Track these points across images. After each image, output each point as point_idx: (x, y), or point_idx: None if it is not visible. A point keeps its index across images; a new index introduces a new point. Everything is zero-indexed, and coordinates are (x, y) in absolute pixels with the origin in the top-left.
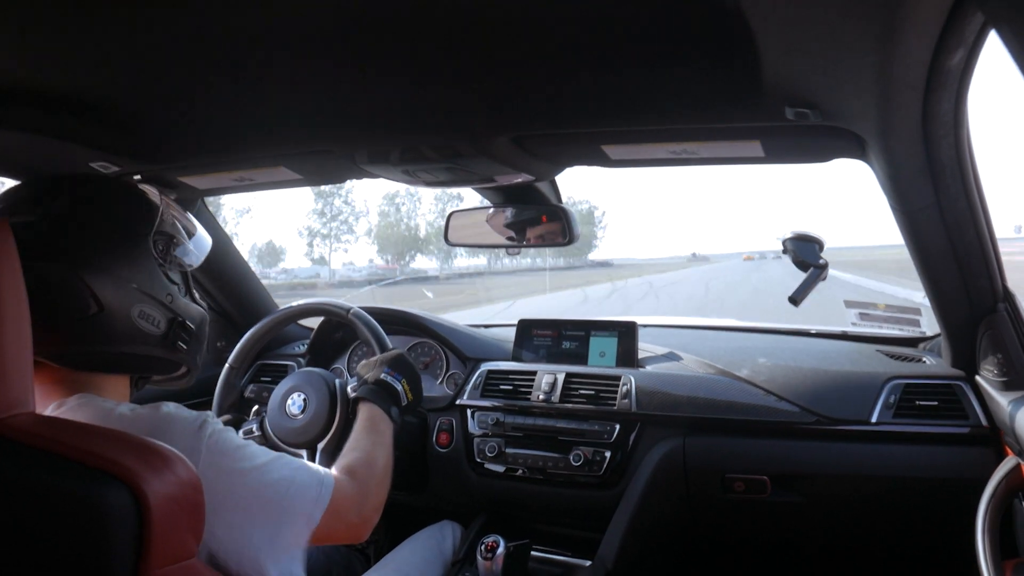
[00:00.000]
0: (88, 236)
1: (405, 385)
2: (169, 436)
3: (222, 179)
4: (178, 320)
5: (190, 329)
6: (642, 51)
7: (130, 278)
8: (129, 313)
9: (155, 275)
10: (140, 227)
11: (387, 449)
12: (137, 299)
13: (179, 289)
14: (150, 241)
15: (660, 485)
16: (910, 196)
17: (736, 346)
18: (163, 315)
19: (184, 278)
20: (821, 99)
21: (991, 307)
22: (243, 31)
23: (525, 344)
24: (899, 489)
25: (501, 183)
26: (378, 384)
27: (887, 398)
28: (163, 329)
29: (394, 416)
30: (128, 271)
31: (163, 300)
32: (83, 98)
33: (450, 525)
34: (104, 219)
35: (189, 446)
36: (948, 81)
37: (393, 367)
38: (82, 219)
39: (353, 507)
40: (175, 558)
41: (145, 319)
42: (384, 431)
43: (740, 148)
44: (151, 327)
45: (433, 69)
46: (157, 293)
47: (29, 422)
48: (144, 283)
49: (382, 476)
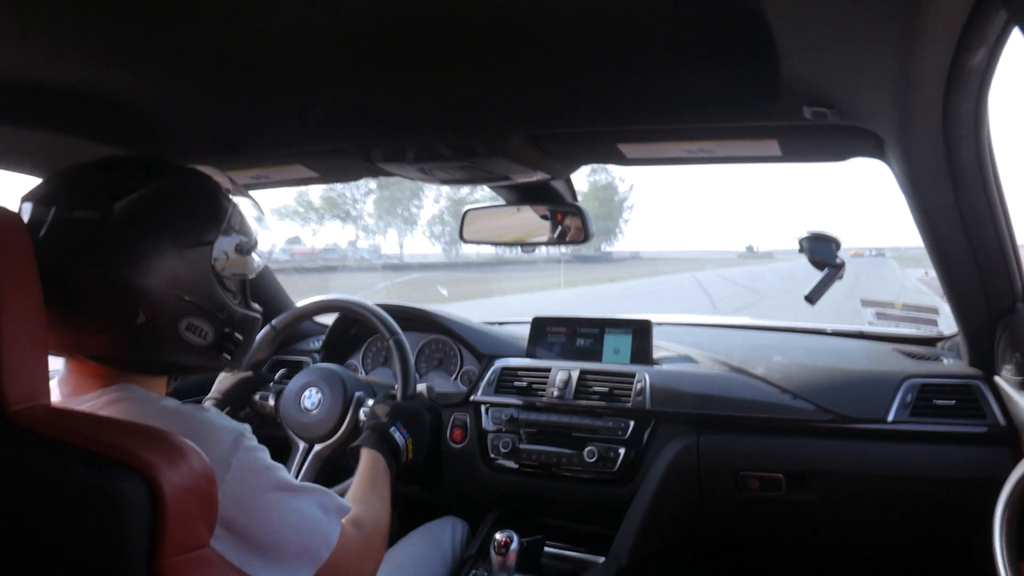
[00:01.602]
0: (148, 244)
1: (409, 444)
2: (204, 442)
3: (239, 177)
4: (226, 331)
5: (238, 340)
6: (659, 50)
7: (184, 289)
8: (177, 324)
9: (210, 285)
10: (204, 235)
11: (388, 505)
12: (188, 311)
13: (233, 297)
14: (211, 249)
15: (674, 482)
16: (929, 195)
17: (751, 344)
18: (212, 327)
19: (241, 286)
20: (840, 98)
21: (1010, 307)
22: (263, 32)
23: (539, 341)
24: (915, 488)
25: (516, 181)
26: (384, 437)
27: (904, 397)
28: (210, 341)
29: (392, 470)
30: (183, 281)
31: (215, 311)
32: (105, 96)
33: (451, 521)
34: (168, 226)
35: (221, 458)
36: (969, 80)
37: (405, 423)
38: (146, 226)
39: (355, 560)
40: (189, 547)
41: (193, 331)
42: (386, 485)
43: (757, 147)
44: (198, 339)
45: (449, 68)
46: (209, 304)
47: (45, 413)
48: (197, 294)
49: (384, 534)
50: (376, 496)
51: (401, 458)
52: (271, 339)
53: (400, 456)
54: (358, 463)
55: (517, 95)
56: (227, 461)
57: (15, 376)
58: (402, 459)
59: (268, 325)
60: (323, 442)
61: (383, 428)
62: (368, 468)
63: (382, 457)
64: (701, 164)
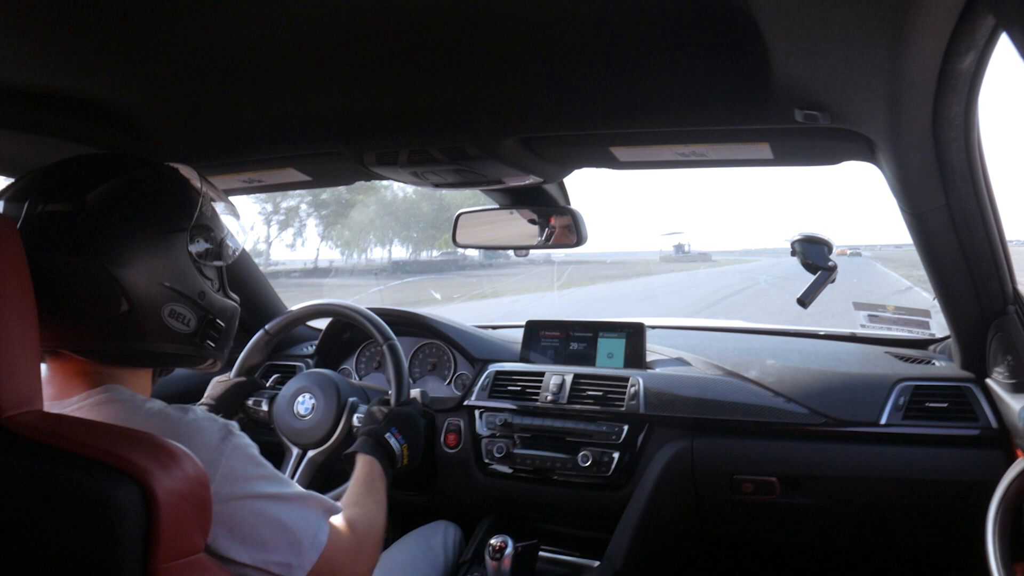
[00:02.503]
0: (125, 232)
1: (405, 450)
2: (193, 441)
3: (231, 181)
4: (208, 318)
5: (220, 327)
6: (650, 53)
7: (164, 276)
8: (160, 311)
9: (189, 272)
10: (179, 221)
11: (384, 510)
12: (169, 297)
13: (212, 284)
14: (187, 236)
15: (668, 486)
16: (919, 198)
17: (744, 347)
18: (194, 313)
19: (218, 272)
20: (830, 101)
21: (1001, 309)
22: (252, 35)
23: (533, 345)
24: (908, 491)
25: (509, 184)
26: (379, 443)
27: (896, 400)
28: (193, 327)
29: (388, 475)
30: (162, 268)
31: (195, 298)
32: (93, 100)
33: (443, 524)
34: (143, 214)
35: (211, 456)
36: (959, 84)
37: (400, 429)
38: (120, 214)
39: (347, 561)
40: (183, 553)
41: (176, 318)
42: (381, 490)
43: (749, 150)
44: (181, 325)
45: (441, 71)
46: (189, 291)
47: (38, 419)
48: (177, 281)
49: (379, 538)
50: (372, 500)
51: (397, 463)
52: (264, 344)
53: (396, 461)
54: (353, 469)
55: (509, 98)
56: (216, 458)
57: (9, 382)
58: (398, 464)
59: (262, 330)
60: (317, 448)
61: (378, 434)
62: (364, 474)
63: (378, 463)
64: (694, 168)
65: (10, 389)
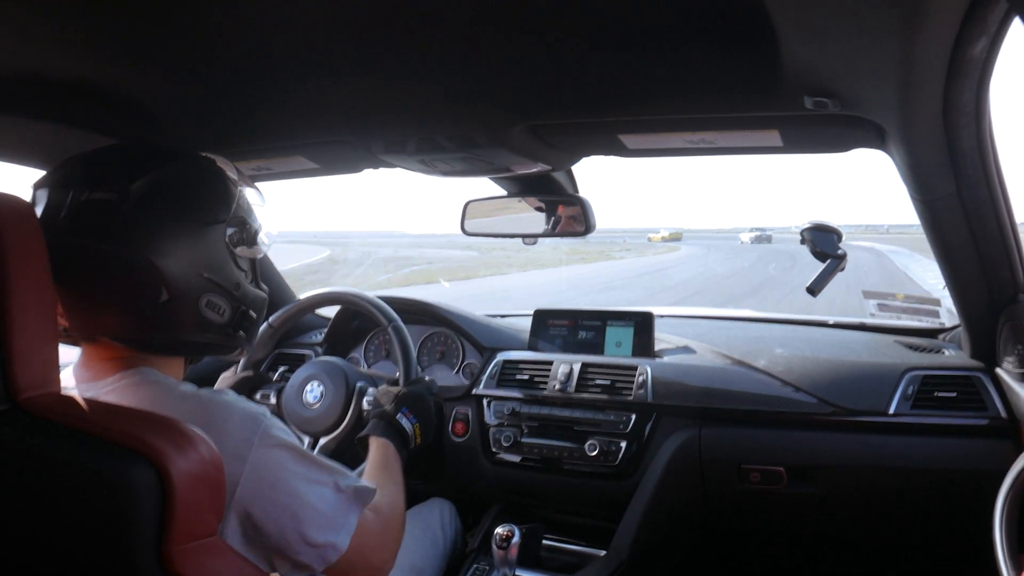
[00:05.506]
0: (167, 223)
1: (417, 429)
2: (227, 424)
3: (241, 168)
4: (242, 309)
5: (252, 318)
6: (659, 39)
7: (202, 266)
8: (197, 302)
9: (226, 263)
10: (218, 213)
11: (403, 490)
12: (206, 288)
13: (246, 276)
14: (225, 227)
15: (675, 475)
16: (930, 186)
17: (753, 336)
18: (229, 304)
19: (252, 264)
20: (841, 88)
21: (1012, 298)
22: (262, 22)
23: (541, 334)
24: (916, 481)
25: (517, 172)
26: (391, 424)
27: (905, 389)
28: (227, 318)
29: (403, 456)
30: (201, 259)
31: (231, 289)
32: (107, 88)
33: (439, 502)
34: (184, 206)
35: (244, 437)
36: (970, 70)
37: (411, 408)
38: (163, 206)
39: (375, 545)
40: (197, 535)
41: (212, 308)
42: (398, 471)
43: (758, 138)
44: (216, 316)
45: (449, 59)
46: (226, 282)
47: (55, 400)
48: (215, 272)
49: (402, 519)
50: (390, 482)
51: (410, 443)
52: (269, 337)
53: (409, 441)
54: (367, 453)
55: (517, 86)
56: (250, 439)
57: (26, 364)
58: (411, 444)
59: (266, 323)
60: (328, 435)
61: (389, 415)
62: (379, 456)
63: (391, 444)
64: (703, 155)
65: (27, 371)
